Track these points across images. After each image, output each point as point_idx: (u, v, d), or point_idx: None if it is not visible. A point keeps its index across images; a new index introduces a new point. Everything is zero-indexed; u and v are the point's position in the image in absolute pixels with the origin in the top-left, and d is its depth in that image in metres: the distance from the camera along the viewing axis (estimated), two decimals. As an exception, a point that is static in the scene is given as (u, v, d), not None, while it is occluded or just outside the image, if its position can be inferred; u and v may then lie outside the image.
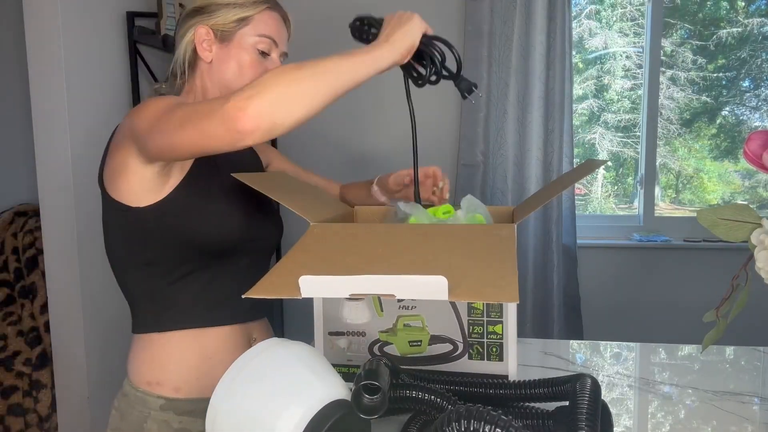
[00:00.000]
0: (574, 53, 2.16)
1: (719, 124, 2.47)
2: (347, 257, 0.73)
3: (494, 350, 0.85)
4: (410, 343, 0.87)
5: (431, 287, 0.58)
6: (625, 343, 1.22)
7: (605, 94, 2.48)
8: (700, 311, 0.86)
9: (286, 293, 0.63)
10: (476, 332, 0.85)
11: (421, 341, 0.86)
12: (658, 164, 2.35)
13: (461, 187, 2.13)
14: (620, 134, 2.46)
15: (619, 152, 2.49)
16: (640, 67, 2.38)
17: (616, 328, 2.26)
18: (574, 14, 2.23)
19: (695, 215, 0.80)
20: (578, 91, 2.43)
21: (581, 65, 2.48)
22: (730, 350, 1.15)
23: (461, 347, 0.85)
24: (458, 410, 0.55)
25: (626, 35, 2.44)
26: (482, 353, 0.85)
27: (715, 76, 2.40)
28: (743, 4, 2.34)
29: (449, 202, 1.05)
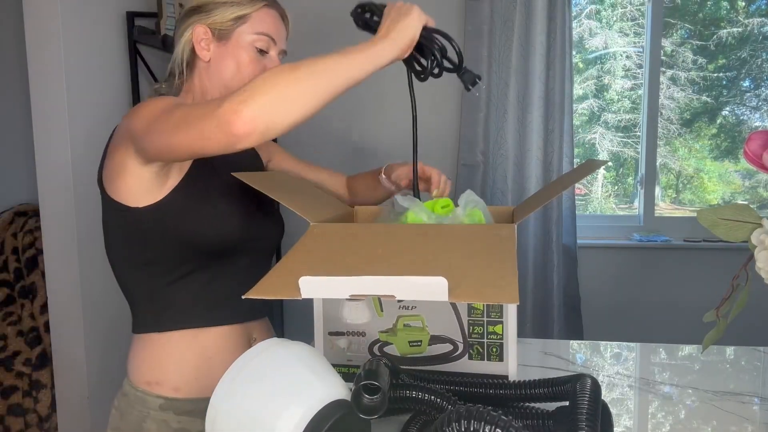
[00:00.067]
0: (574, 53, 2.15)
1: (719, 124, 2.46)
2: (347, 257, 0.73)
3: (494, 350, 0.85)
4: (410, 343, 0.86)
5: (431, 288, 0.58)
6: (625, 343, 1.22)
7: (605, 94, 2.48)
8: (700, 311, 0.86)
9: (286, 294, 0.62)
10: (476, 332, 0.85)
11: (421, 341, 0.86)
12: (658, 164, 2.35)
13: (461, 187, 2.13)
14: (620, 134, 2.46)
15: (619, 152, 2.48)
16: (640, 67, 2.38)
17: (616, 328, 2.26)
18: (574, 14, 2.23)
19: (695, 215, 0.80)
20: (578, 91, 2.43)
21: (581, 65, 2.48)
22: (730, 350, 1.15)
23: (461, 347, 0.85)
24: (458, 410, 0.55)
25: (626, 35, 2.44)
26: (482, 353, 0.85)
27: (715, 76, 2.40)
28: (743, 4, 2.34)
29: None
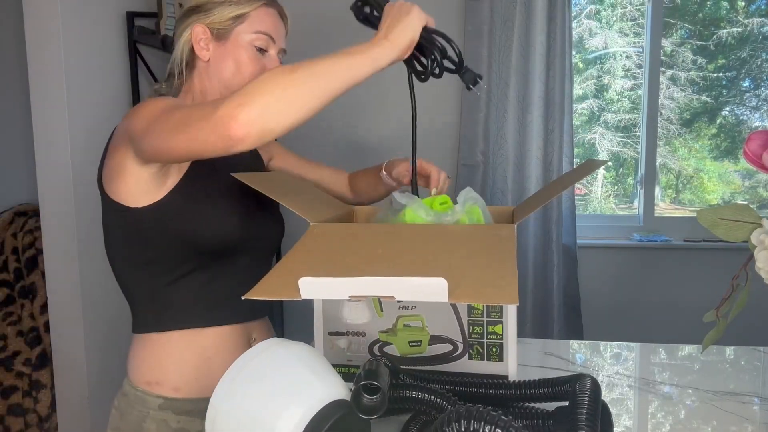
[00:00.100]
0: (574, 53, 2.15)
1: (719, 124, 2.46)
2: (347, 257, 0.73)
3: (494, 350, 0.85)
4: (410, 343, 0.86)
5: (431, 289, 0.58)
6: (625, 343, 1.22)
7: (605, 94, 2.48)
8: (700, 311, 0.86)
9: (286, 294, 0.62)
10: (476, 332, 0.84)
11: (421, 341, 0.86)
12: (658, 164, 2.35)
13: (461, 187, 2.12)
14: (620, 134, 2.46)
15: (619, 152, 2.48)
16: (640, 67, 2.38)
17: (616, 328, 2.26)
18: (574, 14, 2.23)
19: (695, 215, 0.80)
20: (578, 91, 2.43)
21: (581, 65, 2.48)
22: (730, 350, 1.15)
23: (461, 347, 0.85)
24: (458, 410, 0.55)
25: (626, 35, 2.44)
26: (482, 353, 0.85)
27: (715, 76, 2.40)
28: (743, 4, 2.34)
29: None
